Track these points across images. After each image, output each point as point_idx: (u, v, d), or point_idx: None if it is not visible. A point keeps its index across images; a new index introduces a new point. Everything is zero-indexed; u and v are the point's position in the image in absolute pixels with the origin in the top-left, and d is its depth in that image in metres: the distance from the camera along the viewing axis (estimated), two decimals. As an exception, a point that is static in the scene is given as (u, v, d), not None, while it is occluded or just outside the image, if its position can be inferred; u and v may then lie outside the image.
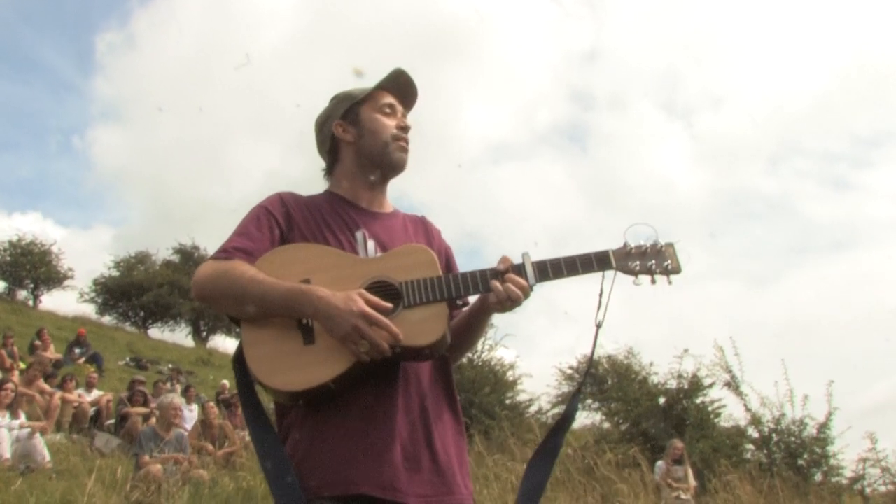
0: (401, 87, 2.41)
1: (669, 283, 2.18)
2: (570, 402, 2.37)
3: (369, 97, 2.38)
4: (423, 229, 2.45)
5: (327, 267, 2.09)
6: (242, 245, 2.15)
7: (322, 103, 2.46)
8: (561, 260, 2.11)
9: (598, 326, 2.18)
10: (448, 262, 2.41)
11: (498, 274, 2.06)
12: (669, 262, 2.17)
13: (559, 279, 2.11)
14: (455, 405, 2.22)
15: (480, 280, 2.08)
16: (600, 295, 2.15)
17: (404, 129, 2.37)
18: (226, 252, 2.14)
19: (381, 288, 2.05)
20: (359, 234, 2.24)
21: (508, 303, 2.05)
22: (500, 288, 2.04)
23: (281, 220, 2.23)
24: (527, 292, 2.06)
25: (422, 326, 2.01)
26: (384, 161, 2.34)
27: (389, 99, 2.39)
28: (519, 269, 2.08)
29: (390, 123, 2.35)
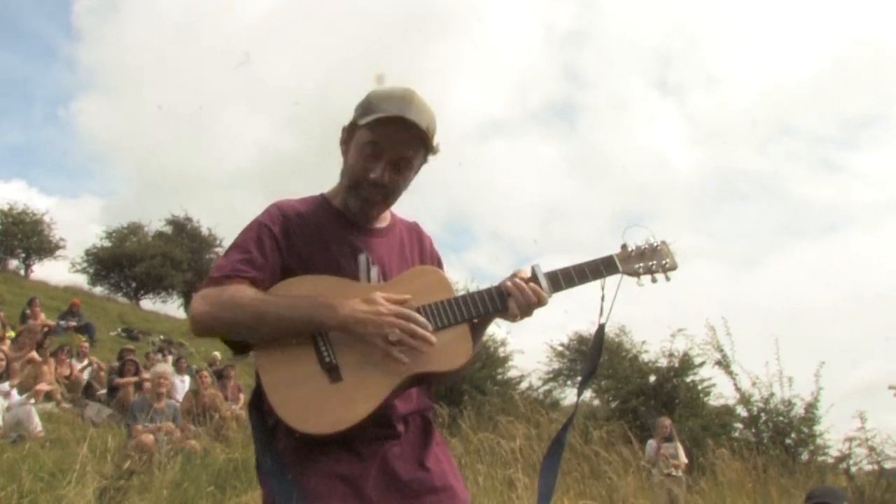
0: (391, 135, 2.10)
1: (668, 279, 2.29)
2: (577, 399, 2.44)
3: (367, 124, 2.11)
4: (417, 239, 2.38)
5: (343, 296, 1.98)
6: (244, 267, 2.05)
7: (312, 77, 2.27)
8: (571, 269, 2.16)
9: (602, 326, 2.26)
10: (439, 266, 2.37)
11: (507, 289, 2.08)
12: (667, 260, 2.29)
13: (570, 288, 2.16)
14: (432, 417, 2.25)
15: (497, 297, 2.09)
16: (602, 299, 2.21)
17: (376, 183, 2.12)
18: (228, 273, 2.05)
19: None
20: (362, 258, 2.16)
21: (527, 308, 2.08)
22: (519, 298, 2.06)
23: (281, 241, 2.11)
24: (543, 300, 2.09)
25: (451, 350, 2.01)
26: (349, 199, 2.20)
27: (378, 137, 2.10)
28: (535, 281, 2.11)
29: (365, 167, 2.12)
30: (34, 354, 11.75)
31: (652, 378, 14.82)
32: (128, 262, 31.61)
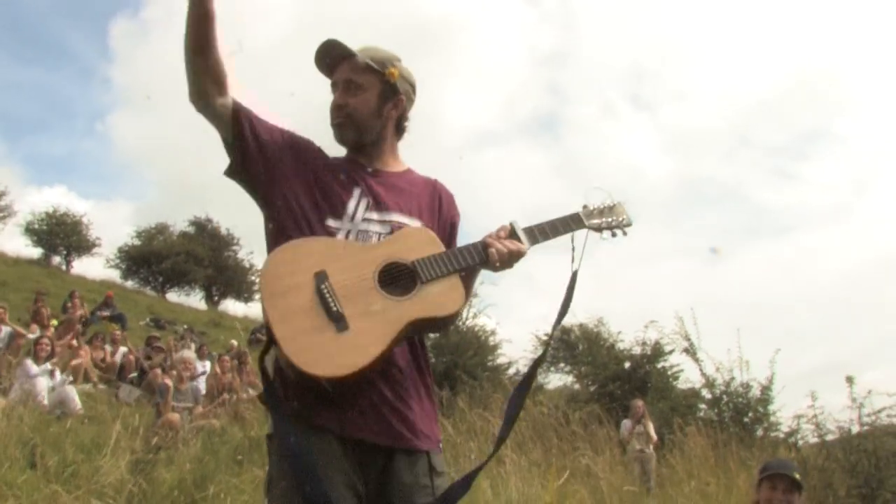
0: (324, 64, 2.29)
1: (624, 234, 2.36)
2: (551, 332, 2.43)
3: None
4: (431, 191, 2.36)
5: (339, 256, 2.01)
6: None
7: (312, 90, 2.41)
8: (545, 225, 2.23)
9: (575, 273, 2.26)
10: (451, 229, 2.35)
11: (488, 242, 2.12)
12: (623, 217, 2.36)
13: (545, 241, 2.22)
14: (424, 363, 2.22)
15: (481, 249, 2.11)
16: (573, 249, 2.26)
17: (334, 107, 2.27)
18: None
19: (396, 268, 2.03)
20: (356, 190, 2.20)
21: (507, 258, 2.11)
22: (500, 248, 2.10)
23: (287, 133, 2.26)
24: (522, 251, 2.14)
25: (446, 297, 2.03)
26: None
27: (333, 75, 2.28)
28: (513, 235, 2.16)
29: (331, 104, 2.29)
30: (73, 341, 11.84)
31: (627, 364, 14.93)
32: (155, 259, 31.61)
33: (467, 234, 2.30)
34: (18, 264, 25.30)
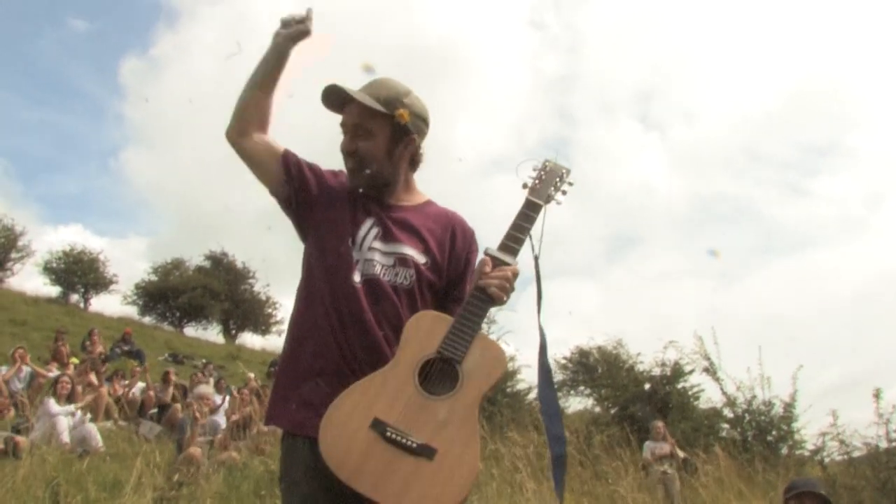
0: (330, 106, 2.28)
1: (571, 185, 2.31)
2: (538, 318, 2.26)
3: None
4: (445, 225, 2.34)
5: (378, 393, 1.92)
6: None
7: (322, 121, 2.38)
8: (511, 232, 2.18)
9: (537, 258, 2.23)
10: (466, 265, 2.32)
11: (483, 278, 2.09)
12: (562, 171, 2.31)
13: (525, 242, 2.18)
14: None
15: (482, 295, 2.06)
16: (530, 237, 2.22)
17: (345, 152, 2.26)
18: None
19: (430, 366, 1.98)
20: (368, 220, 2.23)
21: (507, 286, 2.08)
22: (495, 282, 2.06)
23: (314, 172, 2.31)
24: (514, 272, 2.11)
25: (489, 360, 2.01)
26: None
27: (342, 118, 2.27)
28: (496, 262, 2.11)
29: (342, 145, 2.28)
30: (93, 378, 11.90)
31: (647, 386, 14.79)
32: (172, 294, 31.79)
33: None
34: (38, 303, 25.50)
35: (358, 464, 1.82)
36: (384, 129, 2.22)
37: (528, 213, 2.22)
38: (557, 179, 2.30)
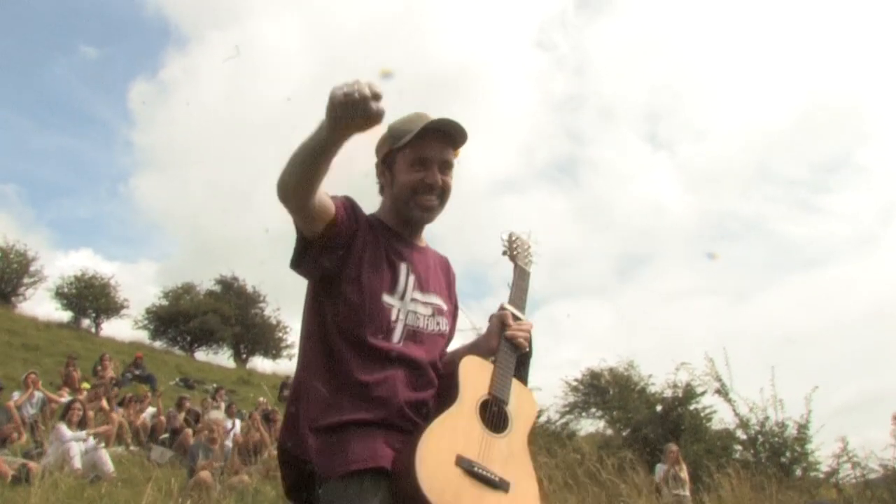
0: (442, 135, 2.24)
1: (537, 243, 2.62)
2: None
3: (407, 145, 2.22)
4: (445, 270, 2.45)
5: (454, 431, 2.02)
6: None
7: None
8: (516, 293, 2.44)
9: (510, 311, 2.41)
10: (457, 309, 2.47)
11: (508, 329, 2.31)
12: (526, 240, 2.60)
13: (526, 302, 2.46)
14: None
15: (512, 347, 2.30)
16: (513, 287, 2.48)
17: (431, 186, 2.23)
18: None
19: (485, 407, 2.14)
20: (402, 266, 2.22)
21: (529, 339, 2.33)
22: (522, 335, 2.32)
23: (354, 225, 2.16)
24: (531, 326, 2.36)
25: (526, 403, 2.26)
26: (404, 215, 2.29)
27: (425, 151, 2.22)
28: (515, 316, 2.36)
29: (416, 178, 2.22)
30: (104, 404, 11.93)
31: (658, 408, 14.72)
32: (183, 319, 31.90)
33: (491, 287, 2.44)
34: (49, 328, 25.63)
35: (454, 498, 1.90)
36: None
37: (522, 281, 2.48)
38: (528, 248, 2.58)
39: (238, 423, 13.04)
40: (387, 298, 2.17)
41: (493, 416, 2.12)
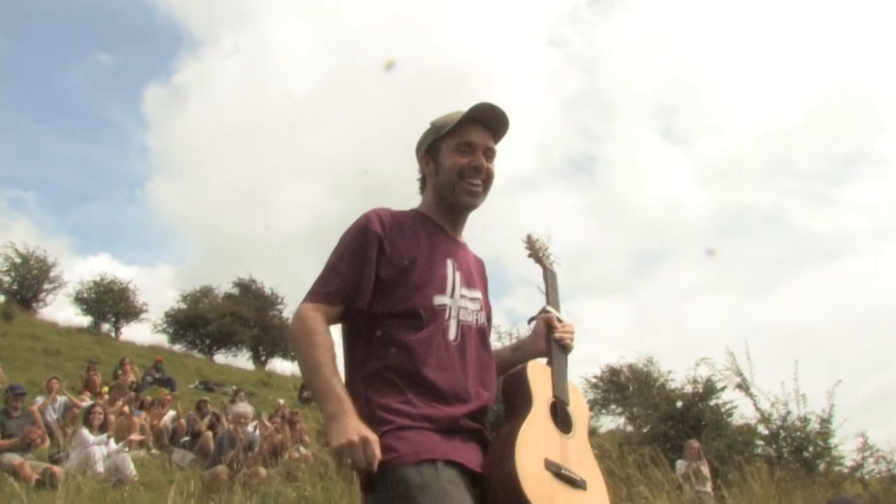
0: (485, 122, 2.30)
1: (550, 239, 2.66)
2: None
3: (452, 132, 2.28)
4: (482, 273, 2.46)
5: (538, 435, 2.09)
6: (332, 297, 2.13)
7: (346, 148, 2.36)
8: (555, 293, 2.53)
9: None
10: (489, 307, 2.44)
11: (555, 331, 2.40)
12: (543, 240, 2.64)
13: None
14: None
15: (562, 347, 2.39)
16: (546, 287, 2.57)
17: (477, 169, 2.26)
18: (319, 300, 2.13)
19: (555, 409, 2.22)
20: (450, 263, 2.24)
21: (574, 339, 2.42)
22: (568, 335, 2.41)
23: (384, 241, 2.18)
24: (573, 326, 2.45)
25: (579, 403, 2.33)
26: (450, 200, 2.30)
27: (470, 136, 2.27)
28: (557, 318, 2.44)
29: (462, 162, 2.25)
30: (125, 408, 12.02)
31: (679, 403, 14.63)
32: (201, 322, 32.05)
33: (509, 284, 2.46)
34: (70, 333, 25.86)
35: (550, 500, 1.98)
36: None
37: (554, 278, 2.56)
38: (547, 248, 2.63)
39: (258, 425, 13.07)
40: (438, 299, 2.19)
41: (561, 417, 2.21)
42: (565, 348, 2.37)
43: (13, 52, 54.64)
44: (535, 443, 2.05)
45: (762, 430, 13.06)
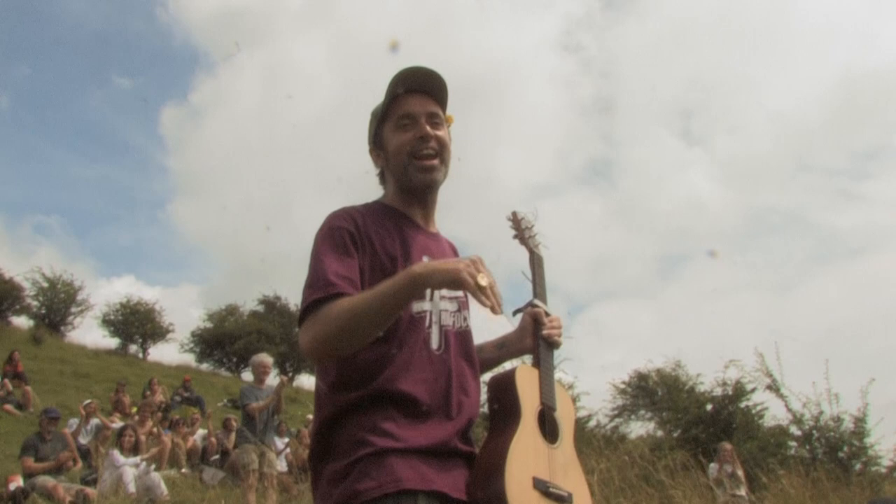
0: (420, 89, 2.06)
1: (537, 216, 2.44)
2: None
3: (388, 112, 2.07)
4: (454, 254, 2.23)
5: (525, 450, 1.97)
6: (330, 289, 1.84)
7: (368, 161, 2.19)
8: (537, 282, 2.30)
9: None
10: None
11: (543, 327, 2.21)
12: (529, 217, 2.42)
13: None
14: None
15: (549, 343, 2.22)
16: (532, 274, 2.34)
17: (423, 138, 2.01)
18: (319, 297, 1.84)
19: (542, 417, 2.08)
20: (425, 260, 1.98)
21: (561, 335, 2.23)
22: (556, 331, 2.22)
23: (357, 238, 1.95)
24: (560, 320, 2.26)
25: (568, 407, 2.21)
26: (407, 185, 2.07)
27: (406, 108, 2.04)
28: (545, 313, 2.25)
29: (406, 137, 2.02)
30: (154, 428, 12.13)
31: (709, 406, 14.51)
32: (228, 340, 32.22)
33: (528, 293, 2.37)
34: (98, 356, 26.11)
35: None
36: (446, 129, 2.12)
37: (540, 265, 2.36)
38: (532, 226, 2.42)
39: (287, 440, 13.14)
40: (416, 306, 1.97)
41: (548, 426, 2.08)
42: (553, 345, 2.20)
43: (35, 79, 55.63)
44: (523, 460, 1.93)
45: (795, 431, 12.92)
